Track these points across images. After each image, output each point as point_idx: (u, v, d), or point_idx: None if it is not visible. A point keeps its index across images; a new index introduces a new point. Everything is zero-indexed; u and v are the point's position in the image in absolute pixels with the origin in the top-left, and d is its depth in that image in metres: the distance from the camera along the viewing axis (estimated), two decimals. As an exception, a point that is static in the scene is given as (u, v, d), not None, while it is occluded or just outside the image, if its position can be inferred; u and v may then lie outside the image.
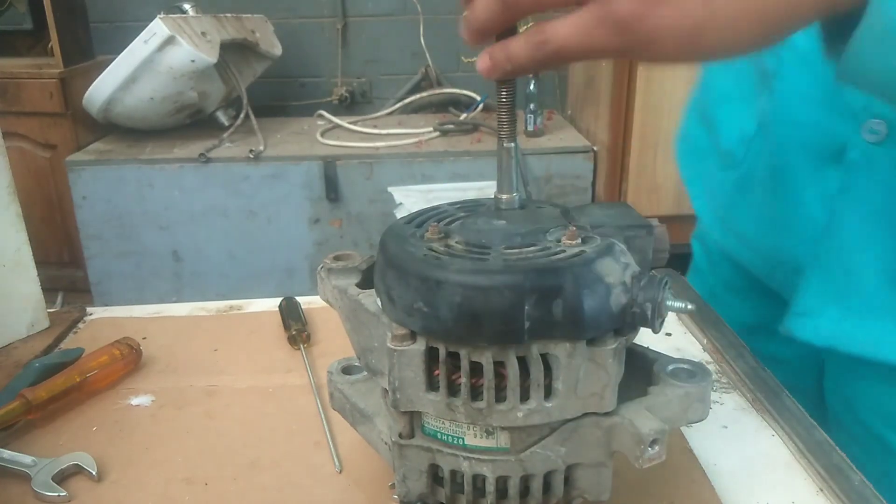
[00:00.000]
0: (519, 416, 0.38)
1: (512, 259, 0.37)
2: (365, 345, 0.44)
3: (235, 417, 0.59)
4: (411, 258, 0.38)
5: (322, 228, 2.04)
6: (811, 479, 0.50)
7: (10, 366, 0.65)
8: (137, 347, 0.65)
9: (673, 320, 0.72)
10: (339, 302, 0.46)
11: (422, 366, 0.38)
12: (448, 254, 0.39)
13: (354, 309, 0.44)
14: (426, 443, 0.41)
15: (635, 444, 0.38)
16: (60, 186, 2.09)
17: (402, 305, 0.38)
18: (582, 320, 0.36)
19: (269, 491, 0.50)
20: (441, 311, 0.36)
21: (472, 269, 0.37)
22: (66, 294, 2.21)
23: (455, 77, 2.48)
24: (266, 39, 2.25)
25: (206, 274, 2.06)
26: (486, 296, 0.36)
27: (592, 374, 0.38)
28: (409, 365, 0.38)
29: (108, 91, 1.97)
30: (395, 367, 0.39)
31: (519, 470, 0.40)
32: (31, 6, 2.25)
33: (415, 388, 0.39)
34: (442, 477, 0.42)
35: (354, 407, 0.46)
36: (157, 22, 1.89)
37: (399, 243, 0.40)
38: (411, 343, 0.38)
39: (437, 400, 0.39)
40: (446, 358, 0.38)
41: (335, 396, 0.48)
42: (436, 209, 0.46)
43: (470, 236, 0.41)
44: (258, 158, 1.98)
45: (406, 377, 0.39)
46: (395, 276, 0.39)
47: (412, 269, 0.38)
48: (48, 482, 0.50)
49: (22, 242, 0.69)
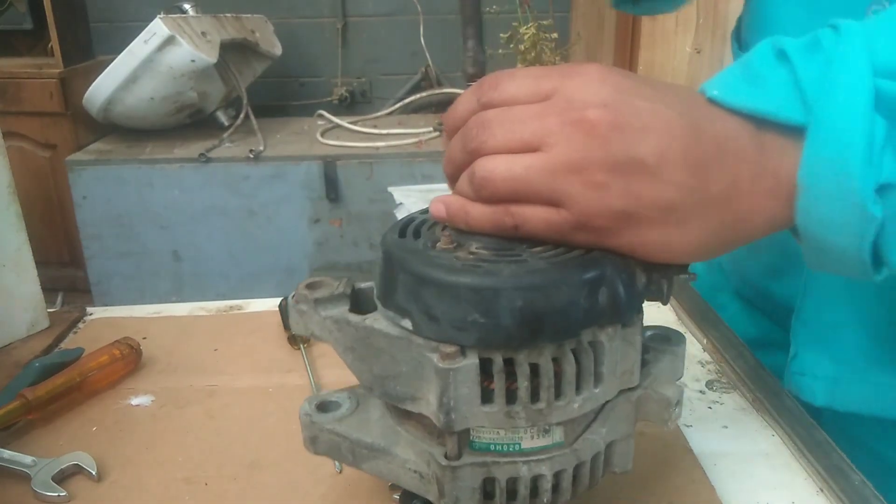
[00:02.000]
0: (575, 408, 0.38)
1: (548, 256, 0.38)
2: (384, 372, 0.41)
3: (235, 417, 0.59)
4: (451, 271, 0.37)
5: (322, 228, 2.04)
6: (811, 479, 0.50)
7: (10, 366, 0.65)
8: (137, 347, 0.65)
9: (673, 320, 0.72)
10: (335, 334, 0.43)
11: (477, 380, 0.37)
12: (487, 260, 0.38)
13: (365, 337, 0.41)
14: (479, 458, 0.39)
15: (664, 409, 0.41)
16: (60, 186, 2.09)
17: (451, 321, 0.37)
18: (621, 304, 0.38)
19: (269, 491, 0.50)
20: (502, 319, 0.36)
21: (526, 271, 0.37)
22: (66, 294, 2.21)
23: (455, 77, 2.48)
24: (266, 39, 2.25)
25: (206, 274, 2.06)
26: (547, 296, 0.36)
27: (626, 353, 0.40)
28: (465, 381, 0.37)
29: (108, 91, 1.97)
30: (451, 387, 0.37)
31: (573, 460, 0.40)
32: (31, 6, 2.25)
33: (469, 405, 0.38)
34: (492, 490, 0.40)
35: (358, 444, 0.43)
36: (157, 22, 1.89)
37: (422, 259, 0.39)
38: (463, 359, 0.37)
39: (494, 411, 0.38)
40: (503, 366, 0.37)
41: (321, 440, 0.44)
42: (412, 219, 0.44)
43: (488, 241, 0.40)
44: (258, 158, 1.98)
45: (461, 394, 0.37)
46: (435, 294, 0.37)
47: (460, 283, 0.36)
48: (48, 482, 0.50)
49: (22, 242, 0.69)
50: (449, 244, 0.39)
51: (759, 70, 0.38)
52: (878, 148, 0.34)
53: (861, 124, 0.34)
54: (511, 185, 0.38)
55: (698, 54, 1.77)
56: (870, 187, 0.34)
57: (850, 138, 0.34)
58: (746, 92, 0.38)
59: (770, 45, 0.38)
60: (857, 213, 0.35)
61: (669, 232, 0.38)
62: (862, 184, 0.34)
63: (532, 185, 0.37)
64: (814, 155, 0.36)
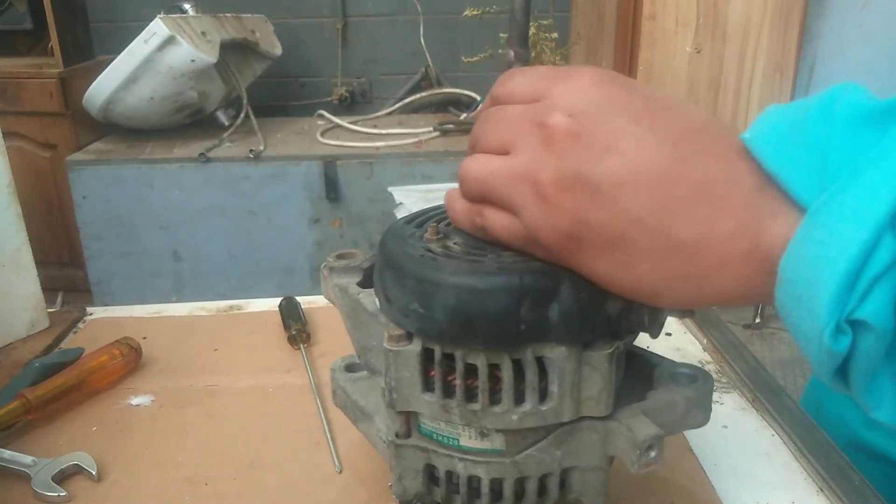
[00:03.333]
0: (514, 419, 0.38)
1: (508, 261, 0.37)
2: (364, 343, 0.44)
3: (235, 417, 0.59)
4: (408, 258, 0.38)
5: (322, 228, 2.04)
6: (811, 479, 0.50)
7: (10, 366, 0.65)
8: (137, 347, 0.65)
9: (672, 320, 0.72)
10: (339, 300, 0.46)
11: (418, 367, 0.38)
12: (445, 255, 0.38)
13: (354, 308, 0.44)
14: (422, 443, 0.41)
15: (631, 449, 0.37)
16: (60, 186, 2.09)
17: (399, 306, 0.38)
18: (577, 324, 0.36)
19: (269, 491, 0.50)
20: (436, 313, 0.36)
21: (467, 270, 0.36)
22: (66, 294, 2.21)
23: (455, 77, 2.48)
24: (266, 39, 2.25)
25: (206, 274, 2.06)
26: (480, 298, 0.35)
27: (588, 377, 0.37)
28: (406, 365, 0.38)
29: (108, 91, 1.97)
30: (392, 368, 0.39)
31: (514, 472, 0.40)
32: (31, 6, 2.25)
33: (411, 389, 0.39)
34: (438, 477, 0.42)
35: (355, 405, 0.46)
36: (157, 22, 1.89)
37: (398, 243, 0.40)
38: (407, 343, 0.38)
39: (432, 401, 0.39)
40: (442, 359, 0.38)
41: (338, 394, 0.48)
42: (438, 209, 0.46)
43: (469, 238, 0.41)
44: (258, 158, 1.98)
45: (402, 377, 0.39)
46: (392, 277, 0.39)
47: (408, 270, 0.38)
48: (48, 482, 0.50)
49: (22, 242, 0.69)
50: (434, 235, 0.40)
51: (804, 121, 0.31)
52: (869, 276, 0.27)
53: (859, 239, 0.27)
54: (478, 187, 0.37)
55: (698, 54, 1.77)
56: (834, 320, 0.28)
57: (837, 252, 0.27)
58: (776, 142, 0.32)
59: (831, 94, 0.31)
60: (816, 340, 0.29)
61: (616, 267, 0.34)
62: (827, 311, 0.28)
63: (494, 188, 0.36)
64: (798, 250, 0.29)
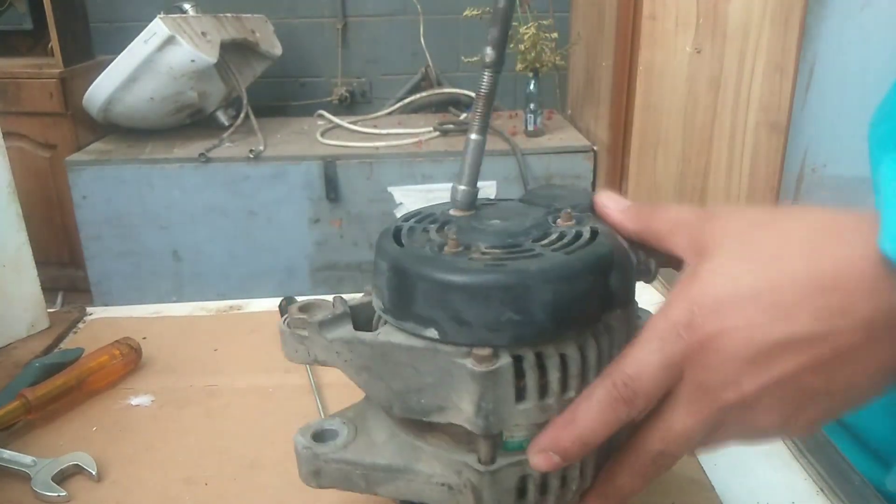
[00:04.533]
0: None
1: (562, 250, 0.39)
2: (405, 387, 0.40)
3: (235, 417, 0.59)
4: (478, 273, 0.37)
5: (322, 228, 2.04)
6: (811, 479, 0.50)
7: (10, 366, 0.65)
8: (137, 347, 0.65)
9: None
10: (345, 355, 0.41)
11: (512, 380, 0.37)
12: (500, 260, 0.38)
13: (382, 353, 0.40)
14: (514, 458, 0.39)
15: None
16: (60, 186, 2.09)
17: (484, 323, 0.37)
18: (629, 286, 0.40)
19: (269, 491, 0.50)
20: (535, 315, 0.36)
21: (550, 265, 0.37)
22: (66, 294, 2.21)
23: (455, 77, 2.47)
24: (266, 39, 2.25)
25: (206, 274, 2.06)
26: (573, 286, 0.37)
27: (629, 333, 0.40)
28: (501, 383, 0.37)
29: (108, 91, 1.97)
30: (489, 390, 0.37)
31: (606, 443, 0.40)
32: (31, 6, 2.25)
33: (506, 405, 0.37)
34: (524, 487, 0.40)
35: (372, 468, 0.42)
36: (157, 22, 1.89)
37: (441, 265, 0.38)
38: (498, 360, 0.37)
39: (528, 407, 0.38)
40: (535, 361, 0.37)
41: (325, 472, 0.42)
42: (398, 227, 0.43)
43: (490, 239, 0.40)
44: (258, 158, 1.98)
45: (499, 397, 0.37)
46: (465, 298, 0.37)
47: (489, 284, 0.36)
48: (48, 482, 0.50)
49: (22, 242, 0.69)
50: (457, 247, 0.39)
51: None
52: None
53: None
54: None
55: (698, 54, 1.76)
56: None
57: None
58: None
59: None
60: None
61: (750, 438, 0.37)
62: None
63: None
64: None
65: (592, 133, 2.11)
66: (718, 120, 1.86)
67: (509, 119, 2.26)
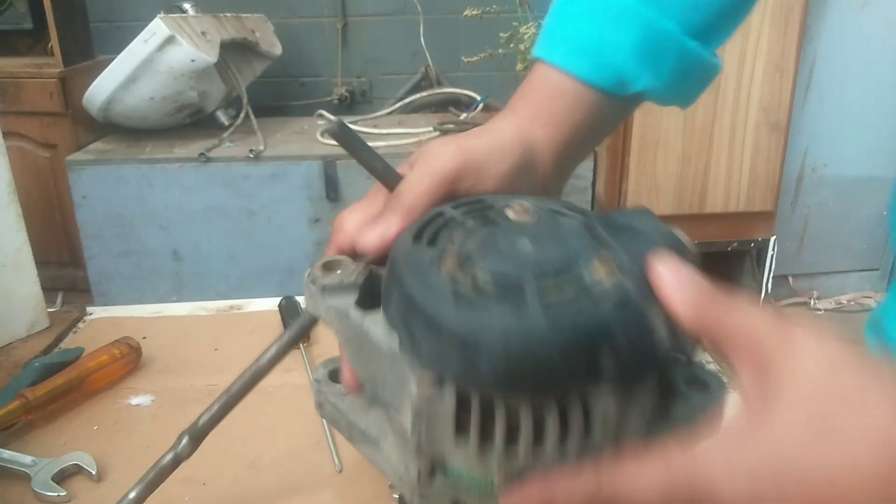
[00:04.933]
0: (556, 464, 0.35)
1: (553, 299, 0.34)
2: (371, 374, 0.40)
3: (235, 417, 0.59)
4: (439, 299, 0.34)
5: (322, 228, 2.04)
6: (811, 479, 0.50)
7: (10, 366, 0.65)
8: (137, 347, 0.65)
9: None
10: (337, 325, 0.42)
11: (451, 413, 0.35)
12: (478, 292, 0.34)
13: (360, 339, 0.40)
14: (451, 483, 0.38)
15: None
16: (60, 186, 2.09)
17: (432, 352, 0.34)
18: (627, 364, 0.34)
19: (269, 491, 0.50)
20: (481, 364, 0.33)
21: (514, 315, 0.33)
22: (66, 294, 2.21)
23: (455, 77, 2.47)
24: (266, 39, 2.25)
25: (206, 274, 2.06)
26: (532, 349, 0.32)
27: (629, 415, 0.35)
28: (438, 413, 0.35)
29: (108, 91, 1.97)
30: (423, 415, 0.35)
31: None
32: (31, 6, 2.25)
33: (442, 435, 0.36)
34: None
35: (353, 426, 0.42)
36: (157, 22, 1.89)
37: (417, 277, 0.36)
38: (439, 390, 0.34)
39: (468, 451, 0.35)
40: (480, 407, 0.34)
41: (326, 407, 0.44)
42: (441, 215, 0.41)
43: (494, 264, 0.36)
44: (258, 158, 1.98)
45: (434, 424, 0.35)
46: (422, 324, 0.35)
47: (442, 316, 0.34)
48: (48, 482, 0.50)
49: (22, 242, 0.69)
50: (454, 262, 0.36)
51: None
52: None
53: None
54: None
55: (698, 54, 1.76)
56: None
57: None
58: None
59: None
60: None
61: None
62: None
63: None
64: None
65: (592, 133, 2.11)
66: (718, 120, 1.86)
67: (509, 119, 2.26)
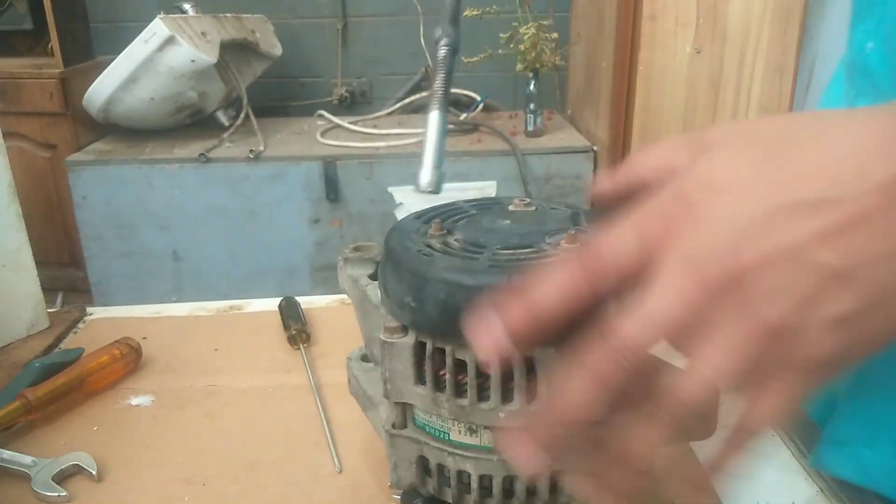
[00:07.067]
0: (501, 417, 0.38)
1: (501, 259, 0.38)
2: (369, 334, 0.46)
3: (235, 417, 0.59)
4: (406, 253, 0.40)
5: (322, 228, 2.04)
6: (811, 480, 0.50)
7: (10, 366, 0.65)
8: (137, 347, 0.65)
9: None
10: (351, 291, 0.49)
11: (411, 359, 0.39)
12: (442, 251, 0.40)
13: (362, 299, 0.46)
14: (416, 434, 0.42)
15: None
16: (60, 186, 2.09)
17: (396, 299, 0.40)
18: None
19: (269, 491, 0.50)
20: (427, 307, 0.38)
21: (458, 266, 0.38)
22: (66, 294, 2.21)
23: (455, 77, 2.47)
24: (266, 39, 2.25)
25: (206, 274, 2.06)
26: (469, 294, 0.36)
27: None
28: (399, 357, 0.40)
29: (108, 91, 1.97)
30: (387, 359, 0.40)
31: (501, 470, 0.40)
32: (31, 6, 2.25)
33: (404, 381, 0.40)
34: (427, 468, 0.43)
35: (364, 393, 0.47)
36: (157, 22, 1.89)
37: (400, 238, 0.42)
38: (402, 336, 0.39)
39: (423, 393, 0.40)
40: (433, 353, 0.39)
41: (351, 382, 0.49)
42: (450, 206, 0.47)
43: (470, 235, 0.42)
44: (258, 158, 1.98)
45: (396, 369, 0.40)
46: (391, 270, 0.40)
47: (405, 265, 0.39)
48: (48, 482, 0.50)
49: (22, 242, 0.69)
50: (438, 231, 0.42)
51: None
52: None
53: None
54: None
55: (698, 54, 1.76)
56: None
57: None
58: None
59: None
60: None
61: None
62: None
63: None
64: None
65: (592, 133, 2.11)
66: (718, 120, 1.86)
67: (509, 119, 2.26)
